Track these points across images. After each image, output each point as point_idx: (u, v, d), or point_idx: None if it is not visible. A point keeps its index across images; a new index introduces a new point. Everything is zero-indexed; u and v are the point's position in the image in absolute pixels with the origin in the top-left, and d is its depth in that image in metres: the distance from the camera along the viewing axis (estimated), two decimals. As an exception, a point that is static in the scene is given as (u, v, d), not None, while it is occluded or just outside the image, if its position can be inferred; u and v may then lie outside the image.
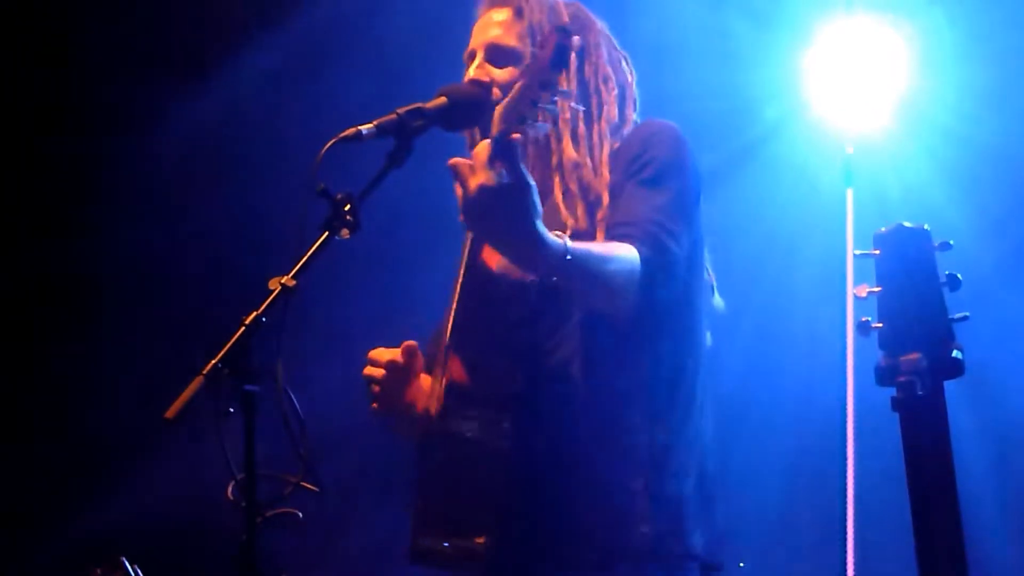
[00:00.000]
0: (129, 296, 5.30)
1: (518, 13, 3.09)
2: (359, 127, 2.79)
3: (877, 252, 2.56)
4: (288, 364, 2.63)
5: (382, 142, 2.83)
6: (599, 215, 2.92)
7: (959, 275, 2.50)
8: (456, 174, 2.56)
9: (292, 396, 2.61)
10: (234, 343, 2.56)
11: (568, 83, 2.95)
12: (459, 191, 2.58)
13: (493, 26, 3.11)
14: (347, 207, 2.70)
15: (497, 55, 3.07)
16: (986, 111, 4.99)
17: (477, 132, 3.08)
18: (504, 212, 2.53)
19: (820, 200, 5.11)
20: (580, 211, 2.94)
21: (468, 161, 2.56)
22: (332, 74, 5.20)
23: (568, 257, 2.61)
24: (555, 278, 2.74)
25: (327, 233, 2.70)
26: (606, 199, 2.93)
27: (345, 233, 2.70)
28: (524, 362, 2.88)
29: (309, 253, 2.68)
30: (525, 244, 2.58)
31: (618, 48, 3.18)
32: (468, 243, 3.04)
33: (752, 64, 5.13)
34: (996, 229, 4.96)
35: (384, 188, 2.82)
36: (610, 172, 2.96)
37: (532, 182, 2.53)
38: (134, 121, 5.26)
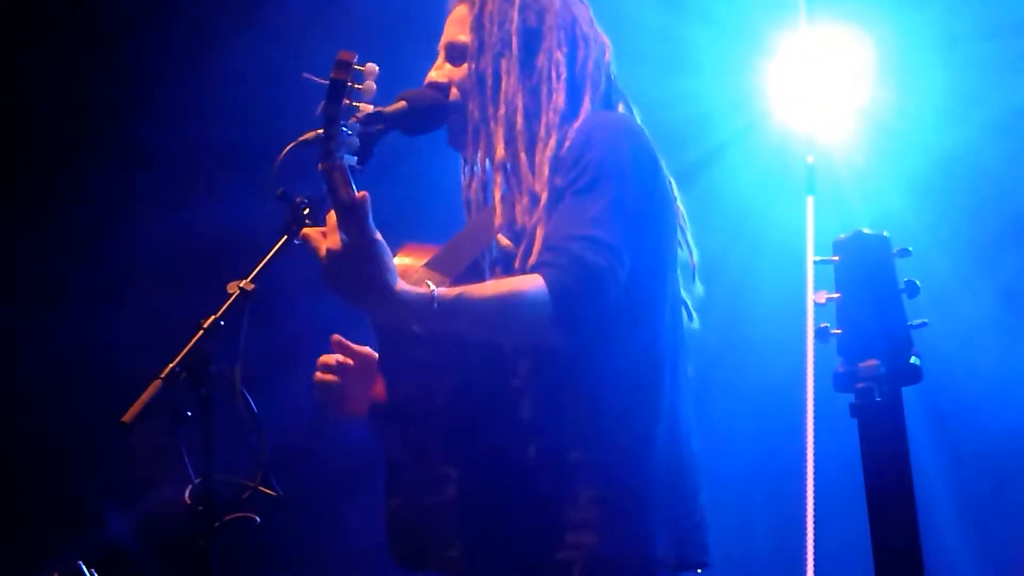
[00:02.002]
0: (87, 297, 5.26)
1: (472, 5, 3.04)
2: (318, 130, 2.78)
3: (836, 259, 2.56)
4: (254, 368, 2.62)
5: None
6: (535, 215, 2.81)
7: (918, 282, 2.50)
8: (308, 244, 2.54)
9: (250, 400, 2.60)
10: (192, 347, 2.55)
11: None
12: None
13: (453, 23, 3.07)
14: (306, 211, 2.70)
15: (453, 53, 3.05)
16: (945, 120, 5.03)
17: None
18: (352, 275, 2.49)
19: (781, 207, 5.13)
20: (518, 210, 2.84)
21: (321, 229, 2.53)
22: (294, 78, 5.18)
23: (435, 306, 2.55)
24: (429, 328, 2.65)
25: (286, 237, 2.69)
26: (544, 198, 2.82)
27: (304, 237, 2.69)
28: (446, 373, 2.80)
29: (268, 257, 2.67)
30: (380, 304, 2.53)
31: (588, 28, 3.05)
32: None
33: (714, 72, 5.15)
34: (955, 236, 4.99)
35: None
36: (552, 171, 2.84)
37: (377, 239, 2.48)
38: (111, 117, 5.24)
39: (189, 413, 2.55)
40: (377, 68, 2.54)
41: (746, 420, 5.16)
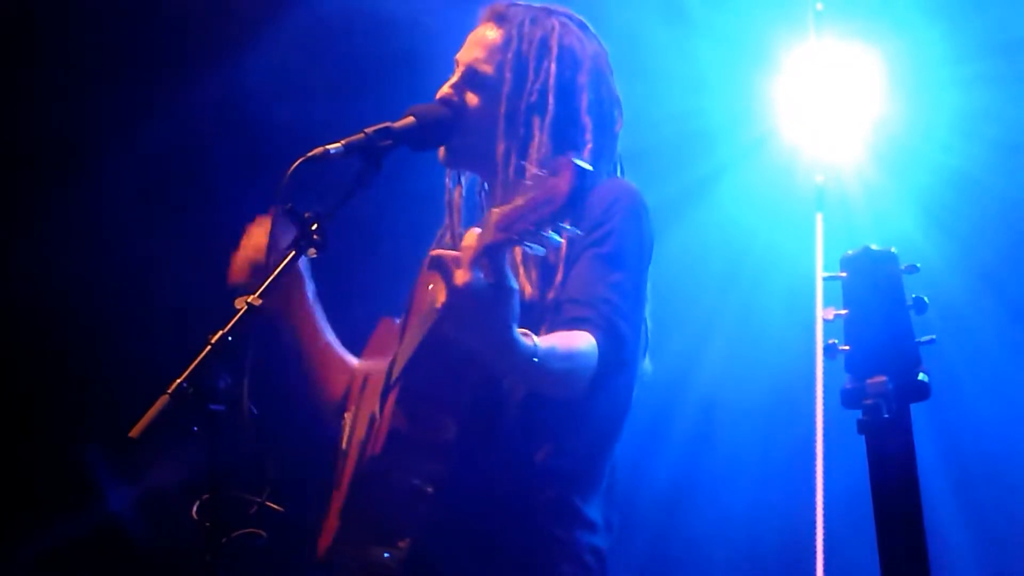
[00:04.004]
0: (90, 310, 5.25)
1: (507, 40, 3.05)
2: (327, 146, 2.79)
3: (844, 275, 2.56)
4: (261, 383, 2.62)
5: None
6: (550, 292, 2.87)
7: (926, 298, 2.50)
8: (440, 267, 2.49)
9: (256, 415, 2.60)
10: (199, 362, 2.54)
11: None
12: (440, 285, 2.51)
13: (480, 45, 3.08)
14: (314, 226, 2.69)
15: (473, 80, 3.05)
16: (955, 137, 5.02)
17: (442, 151, 3.08)
18: (483, 316, 2.48)
19: (790, 223, 5.13)
20: (534, 277, 2.89)
21: (454, 254, 2.49)
22: (304, 92, 5.20)
23: (535, 359, 2.59)
24: (516, 374, 2.71)
25: (294, 252, 2.69)
26: (560, 275, 2.88)
27: (312, 252, 2.70)
28: (466, 415, 2.86)
29: (276, 272, 2.67)
30: (498, 349, 2.55)
31: (611, 86, 3.10)
32: (425, 294, 3.00)
33: (723, 89, 5.14)
34: (963, 253, 4.98)
35: (358, 205, 2.82)
36: (569, 244, 2.84)
37: (515, 286, 2.49)
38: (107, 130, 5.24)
39: (195, 428, 2.55)
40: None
41: (756, 436, 5.16)
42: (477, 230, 2.50)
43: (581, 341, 2.74)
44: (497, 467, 2.87)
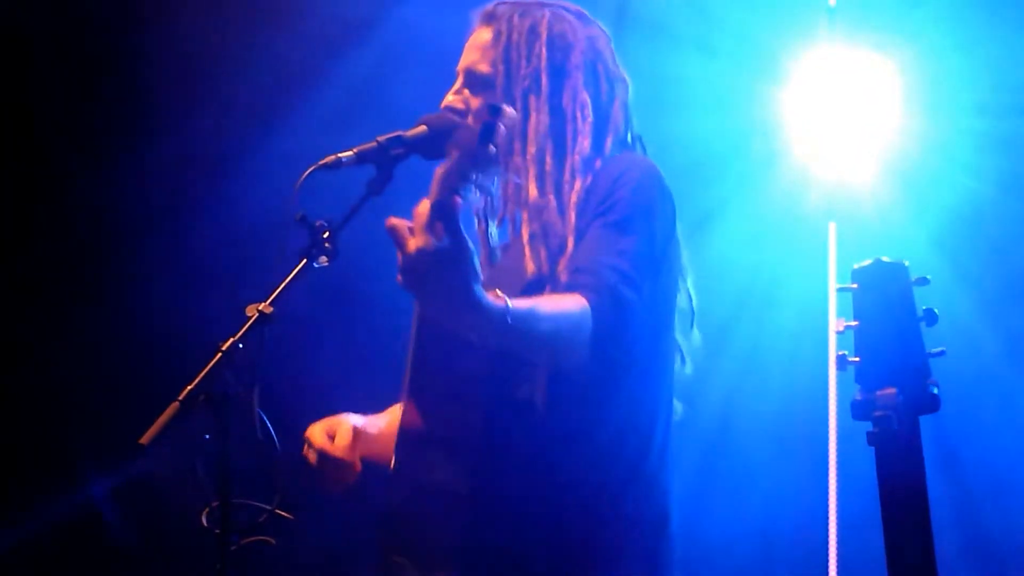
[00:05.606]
0: (107, 307, 5.27)
1: (497, 35, 3.05)
2: (338, 154, 2.79)
3: (855, 286, 2.56)
4: (272, 391, 2.63)
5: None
6: (561, 263, 2.84)
7: (936, 310, 2.50)
8: (394, 236, 2.46)
9: (267, 423, 2.60)
10: (210, 370, 2.55)
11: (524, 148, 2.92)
12: (399, 253, 2.49)
13: (475, 49, 3.08)
14: (326, 234, 2.70)
15: (473, 82, 3.06)
16: (969, 152, 5.01)
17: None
18: (441, 277, 2.43)
19: (801, 238, 5.13)
20: (543, 255, 2.87)
21: (407, 223, 2.46)
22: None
23: (508, 320, 2.53)
24: (492, 340, 2.66)
25: (305, 260, 2.69)
26: (570, 246, 2.85)
27: (323, 260, 2.70)
28: (480, 406, 2.84)
29: (286, 280, 2.67)
30: (463, 310, 2.48)
31: (612, 66, 3.09)
32: None
33: (733, 106, 5.14)
34: (975, 265, 4.97)
35: (366, 215, 2.82)
36: (578, 215, 2.87)
37: (471, 246, 2.44)
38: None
39: (207, 436, 2.55)
40: (513, 114, 2.61)
41: (769, 448, 5.15)
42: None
43: (569, 302, 2.70)
44: (527, 464, 2.82)
